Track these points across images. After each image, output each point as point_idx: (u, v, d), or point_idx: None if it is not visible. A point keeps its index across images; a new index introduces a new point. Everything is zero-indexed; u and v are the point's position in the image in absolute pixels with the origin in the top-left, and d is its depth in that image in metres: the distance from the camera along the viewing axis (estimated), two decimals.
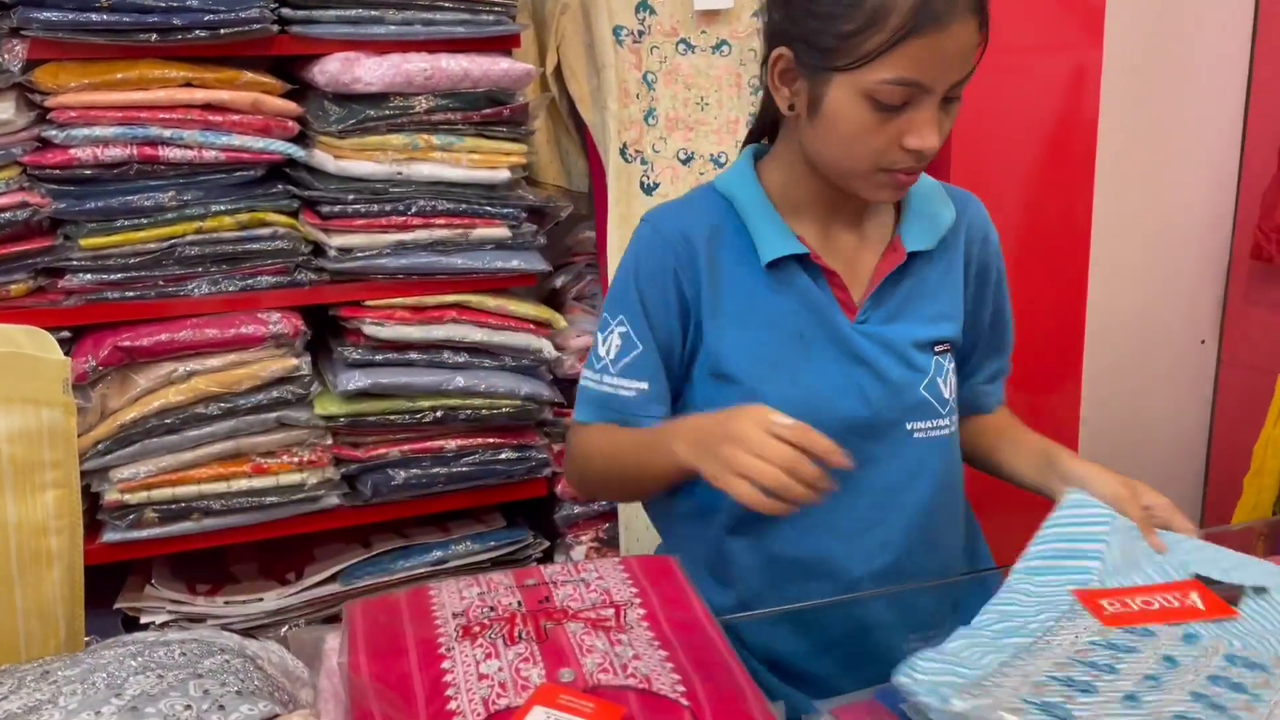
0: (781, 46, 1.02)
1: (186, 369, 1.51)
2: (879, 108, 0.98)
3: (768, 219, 1.11)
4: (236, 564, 1.71)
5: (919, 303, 1.14)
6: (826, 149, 1.04)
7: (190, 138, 1.47)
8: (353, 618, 0.90)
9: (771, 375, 1.10)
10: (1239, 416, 2.48)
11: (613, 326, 1.14)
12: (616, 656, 0.81)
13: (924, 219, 1.15)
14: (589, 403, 1.16)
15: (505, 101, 1.61)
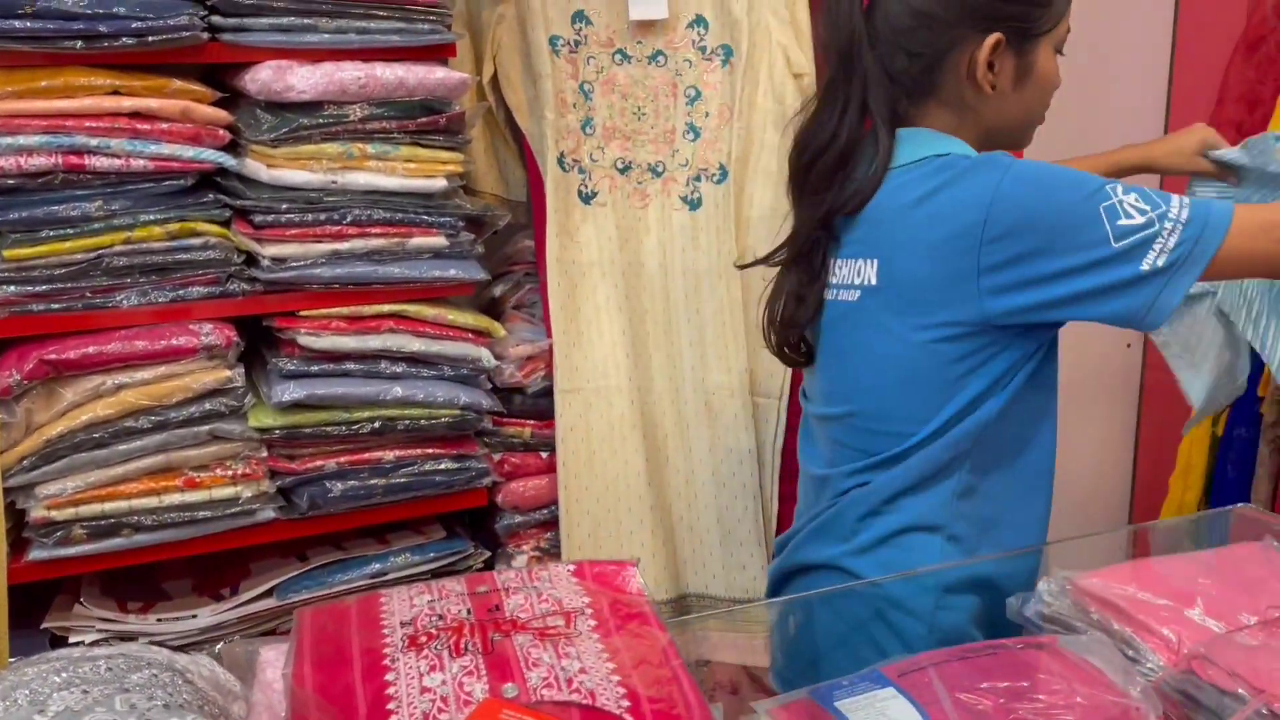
0: (994, 32, 1.16)
1: (115, 382, 1.48)
2: (1058, 54, 1.22)
3: None
4: (169, 580, 1.68)
5: None
6: (1030, 108, 1.23)
7: (118, 146, 1.44)
8: (302, 625, 0.90)
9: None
10: (1164, 418, 2.55)
11: (1113, 199, 1.09)
12: (563, 670, 0.81)
13: None
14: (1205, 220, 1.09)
15: (442, 110, 1.61)
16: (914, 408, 1.17)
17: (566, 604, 0.92)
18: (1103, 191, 1.09)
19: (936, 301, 1.14)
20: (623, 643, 0.87)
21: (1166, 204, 1.09)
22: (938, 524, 1.18)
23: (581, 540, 1.78)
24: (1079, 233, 1.08)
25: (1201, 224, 1.09)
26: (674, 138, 1.81)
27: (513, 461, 1.79)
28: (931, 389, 1.16)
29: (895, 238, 1.16)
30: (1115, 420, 2.64)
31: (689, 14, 1.79)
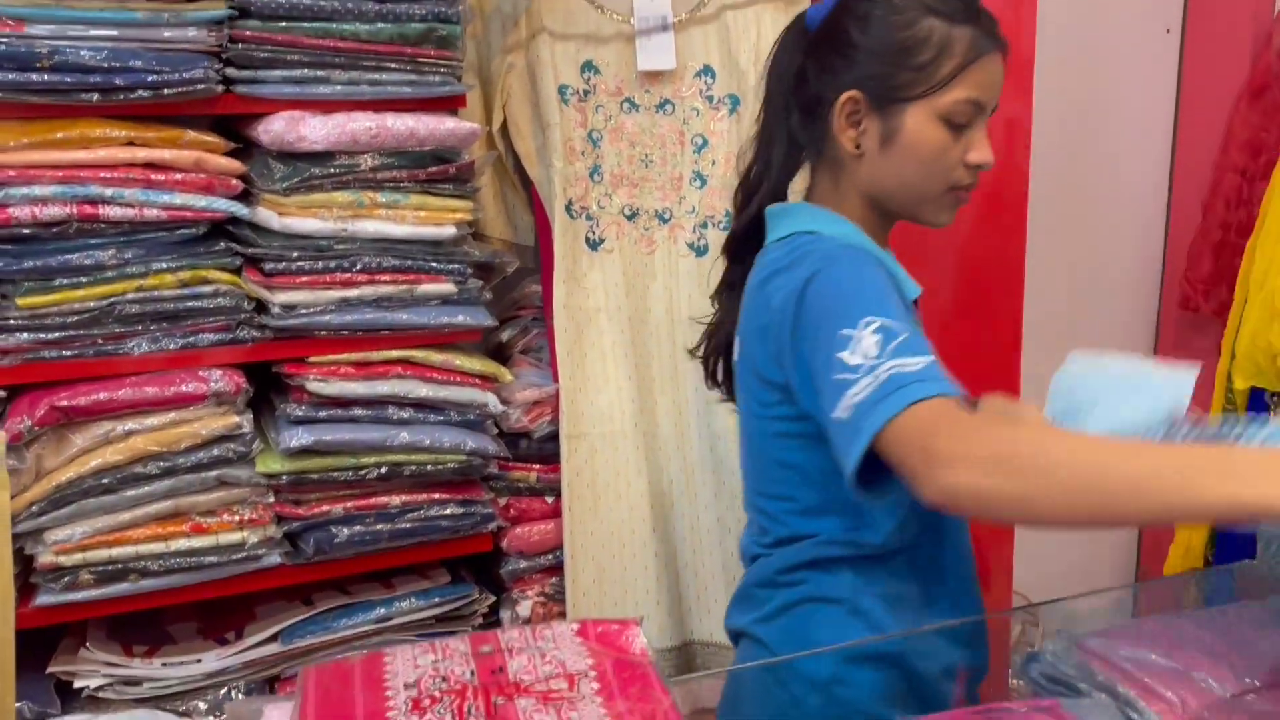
0: (850, 91, 1.13)
1: (125, 428, 1.49)
2: (951, 128, 1.11)
3: (890, 259, 1.19)
4: (174, 624, 1.68)
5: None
6: (904, 176, 1.14)
7: (131, 196, 1.46)
8: (306, 685, 0.90)
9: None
10: None
11: (862, 331, 0.95)
12: None
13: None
14: (880, 400, 0.90)
15: (451, 159, 1.63)
16: (780, 490, 1.15)
17: (570, 666, 0.92)
18: (859, 320, 0.96)
19: (766, 384, 1.12)
20: (625, 706, 0.87)
21: (890, 357, 0.92)
22: (839, 598, 1.13)
23: (586, 586, 1.78)
24: (825, 356, 0.97)
25: (884, 394, 0.90)
26: (681, 185, 1.83)
27: (518, 506, 1.80)
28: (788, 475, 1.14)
29: (746, 314, 1.17)
30: None
31: (696, 64, 1.81)
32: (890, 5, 1.13)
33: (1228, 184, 2.30)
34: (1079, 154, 2.38)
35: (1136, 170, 2.46)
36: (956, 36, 1.11)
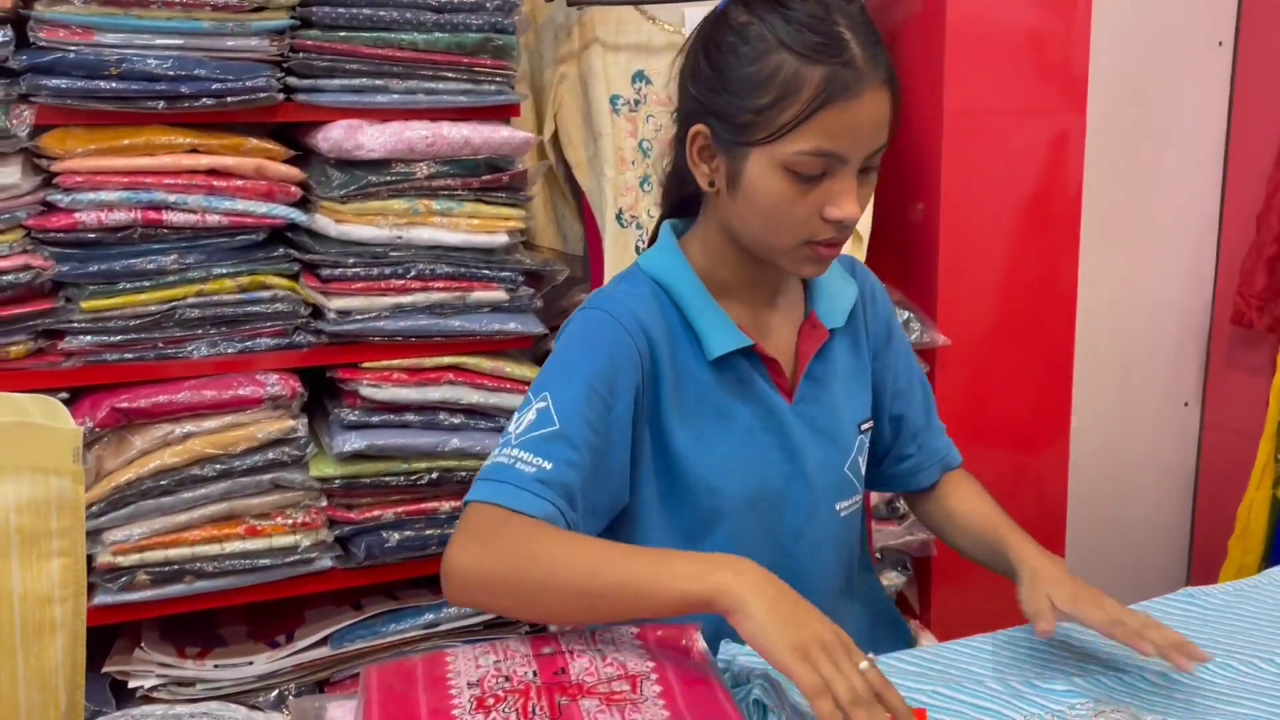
0: (698, 123, 1.03)
1: (183, 430, 1.51)
2: (797, 179, 0.98)
3: (709, 309, 1.09)
4: (226, 626, 1.70)
5: (838, 381, 1.16)
6: (750, 223, 1.03)
7: (194, 202, 1.48)
8: (369, 684, 0.90)
9: (728, 473, 1.09)
10: (1222, 479, 2.50)
11: (533, 404, 1.02)
12: None
13: (831, 295, 1.16)
14: (486, 478, 0.99)
15: (505, 168, 1.64)
16: None
17: (631, 668, 0.92)
18: (538, 392, 1.02)
19: None
20: (688, 708, 0.87)
21: (518, 445, 0.99)
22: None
23: None
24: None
25: (485, 476, 0.99)
26: None
27: None
28: None
29: None
30: (1172, 480, 2.60)
31: None
32: (743, 34, 0.99)
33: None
34: (1131, 169, 2.36)
35: (1189, 185, 2.43)
36: (806, 77, 0.96)
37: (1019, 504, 2.04)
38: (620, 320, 1.06)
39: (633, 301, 1.08)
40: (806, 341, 1.13)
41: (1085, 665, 1.01)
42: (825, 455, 1.14)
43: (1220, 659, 1.02)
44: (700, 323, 1.08)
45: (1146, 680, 0.98)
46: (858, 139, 0.98)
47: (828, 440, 1.14)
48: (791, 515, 1.12)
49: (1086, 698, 0.94)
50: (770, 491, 1.11)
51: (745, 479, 1.10)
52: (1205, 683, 0.98)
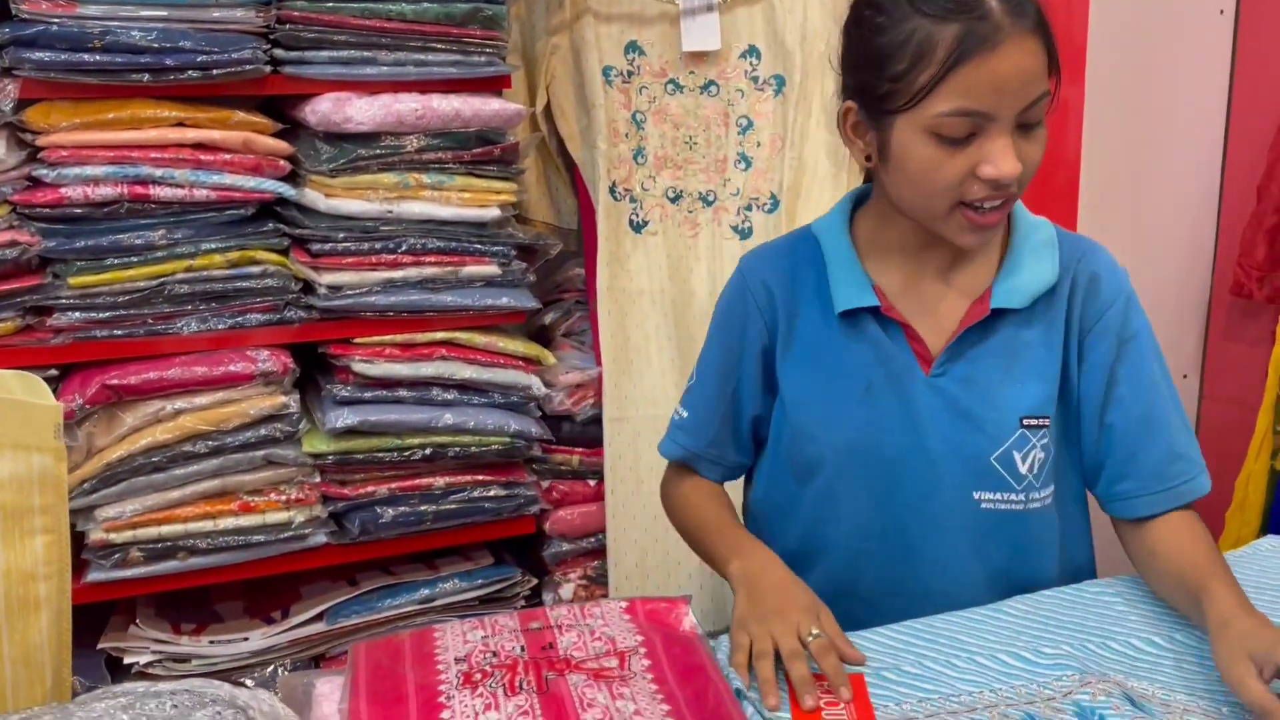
0: (848, 100, 1.05)
1: (174, 407, 1.50)
2: (944, 142, 0.97)
3: (847, 267, 1.11)
4: (221, 603, 1.70)
5: (1006, 365, 1.08)
6: (904, 191, 1.04)
7: (181, 177, 1.47)
8: (357, 660, 0.90)
9: (835, 426, 1.11)
10: (1221, 451, 2.49)
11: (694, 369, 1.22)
12: (617, 711, 0.81)
13: (1022, 273, 1.09)
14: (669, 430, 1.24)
15: (496, 141, 1.62)
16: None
17: (620, 643, 0.91)
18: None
19: None
20: (677, 683, 0.87)
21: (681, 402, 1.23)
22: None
23: (629, 569, 1.78)
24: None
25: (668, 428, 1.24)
26: (725, 167, 1.82)
27: (561, 489, 1.80)
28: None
29: None
30: None
31: (741, 44, 1.79)
32: (878, 6, 1.00)
33: None
34: (1131, 139, 2.34)
35: (1189, 155, 2.41)
36: (939, 37, 0.94)
37: None
38: (747, 280, 1.17)
39: (771, 255, 1.19)
40: (969, 316, 1.09)
41: (1074, 636, 1.00)
42: (962, 437, 1.08)
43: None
44: (834, 278, 1.11)
45: (1134, 649, 0.98)
46: (1002, 94, 0.95)
47: (968, 422, 1.07)
48: (907, 487, 1.10)
49: (1074, 668, 0.94)
50: (882, 456, 1.10)
51: (851, 435, 1.10)
52: (1193, 649, 0.98)
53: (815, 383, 1.12)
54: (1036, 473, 1.09)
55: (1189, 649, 0.98)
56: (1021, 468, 1.08)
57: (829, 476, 1.12)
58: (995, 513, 1.09)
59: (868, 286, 1.09)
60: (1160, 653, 0.98)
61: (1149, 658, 0.97)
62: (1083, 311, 1.10)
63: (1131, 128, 2.34)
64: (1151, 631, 1.01)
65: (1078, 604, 1.08)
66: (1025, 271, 1.09)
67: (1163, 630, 1.02)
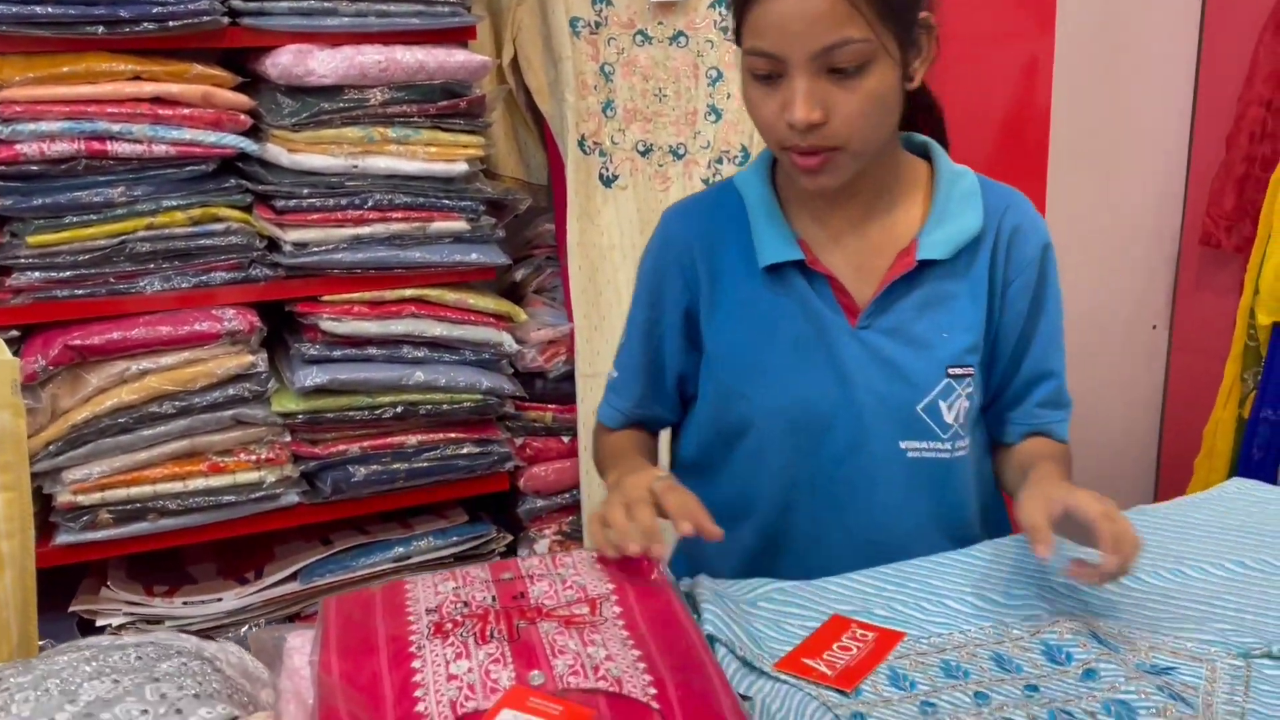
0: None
1: (139, 367, 1.48)
2: (757, 81, 0.99)
3: (769, 220, 1.09)
4: (194, 564, 1.69)
5: (932, 316, 1.09)
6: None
7: (139, 132, 1.44)
8: (327, 614, 0.89)
9: (763, 382, 1.10)
10: (1190, 400, 2.52)
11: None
12: (589, 658, 0.81)
13: (946, 225, 1.08)
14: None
15: (462, 93, 1.60)
16: None
17: (591, 591, 0.91)
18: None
19: None
20: (648, 630, 0.87)
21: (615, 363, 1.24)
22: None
23: None
24: None
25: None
26: (695, 119, 1.80)
27: (534, 446, 1.79)
28: None
29: None
30: (1140, 402, 2.62)
31: None
32: None
33: (1251, 117, 2.25)
34: (1100, 91, 2.33)
35: (1158, 105, 2.41)
36: None
37: None
38: (668, 236, 1.15)
39: (693, 210, 1.16)
40: (895, 268, 1.08)
41: (1045, 579, 1.01)
42: (889, 388, 1.08)
43: (1170, 565, 1.03)
44: (757, 232, 1.09)
45: (1104, 589, 0.99)
46: (785, 35, 0.94)
47: (895, 373, 1.08)
48: (836, 440, 1.09)
49: (1042, 609, 0.95)
50: (811, 411, 1.09)
51: (778, 392, 1.09)
52: (1157, 589, 1.00)
53: (741, 339, 1.11)
54: (962, 421, 1.10)
55: (1154, 589, 1.00)
56: (947, 417, 1.09)
57: (758, 433, 1.12)
58: (922, 461, 1.10)
59: (791, 240, 1.08)
60: (1125, 591, 0.99)
61: (1114, 598, 0.98)
62: (1006, 263, 1.11)
63: (1101, 79, 2.33)
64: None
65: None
66: (950, 222, 1.09)
67: None
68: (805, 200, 1.10)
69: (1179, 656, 0.88)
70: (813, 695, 0.83)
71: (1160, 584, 1.00)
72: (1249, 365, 2.16)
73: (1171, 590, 1.00)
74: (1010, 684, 0.85)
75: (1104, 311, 2.49)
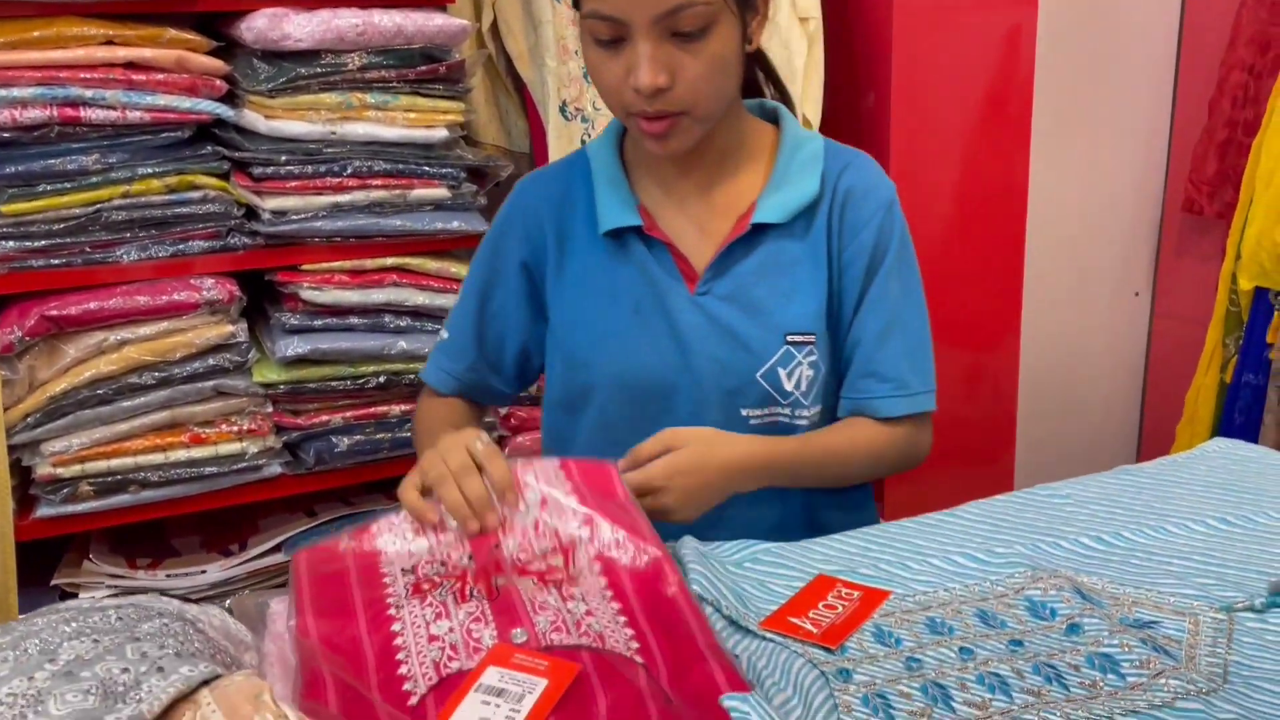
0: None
1: (118, 338, 1.47)
2: (599, 45, 0.97)
3: (612, 186, 1.09)
4: (177, 537, 1.68)
5: (771, 282, 1.08)
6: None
7: (113, 98, 1.42)
8: (298, 571, 0.89)
9: (604, 350, 1.09)
10: (1172, 366, 2.53)
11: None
12: (569, 614, 0.81)
13: (785, 189, 1.08)
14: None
15: (441, 58, 1.58)
16: None
17: (563, 535, 0.89)
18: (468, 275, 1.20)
19: None
20: (627, 575, 0.86)
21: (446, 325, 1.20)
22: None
23: None
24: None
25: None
26: None
27: (519, 415, 1.79)
28: None
29: None
30: (1123, 369, 2.63)
31: None
32: None
33: (1234, 81, 2.25)
34: (1084, 57, 2.33)
35: (1142, 72, 2.41)
36: None
37: (972, 394, 2.05)
38: (517, 203, 1.14)
39: (546, 177, 1.15)
40: (732, 233, 1.08)
41: (1026, 536, 1.02)
42: (728, 355, 1.07)
43: (1154, 522, 1.03)
44: (599, 198, 1.08)
45: (1084, 546, 1.00)
46: (625, 3, 0.93)
47: (733, 340, 1.07)
48: (677, 407, 1.08)
49: (1026, 566, 0.95)
50: (650, 378, 1.08)
51: (619, 359, 1.08)
52: (1140, 545, 1.00)
53: (583, 307, 1.10)
54: (805, 390, 1.08)
55: (1136, 545, 1.00)
56: (787, 384, 1.08)
57: (601, 402, 1.11)
58: (763, 426, 1.09)
59: (631, 205, 1.08)
60: (1109, 549, 1.00)
61: (1098, 554, 0.99)
62: (840, 226, 1.09)
63: (1084, 46, 2.32)
64: (1101, 530, 1.03)
65: (1029, 506, 1.09)
66: (788, 187, 1.08)
67: (1111, 528, 1.03)
68: (651, 166, 1.10)
69: (1162, 611, 0.89)
70: (798, 653, 0.83)
71: (1144, 541, 1.01)
72: (1230, 330, 2.17)
73: (1155, 547, 1.00)
74: (995, 639, 0.85)
75: (1087, 279, 2.49)
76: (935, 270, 1.98)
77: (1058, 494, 1.11)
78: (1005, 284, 2.08)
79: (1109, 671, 0.80)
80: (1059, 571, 0.94)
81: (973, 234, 2.02)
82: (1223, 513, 1.06)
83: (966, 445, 2.03)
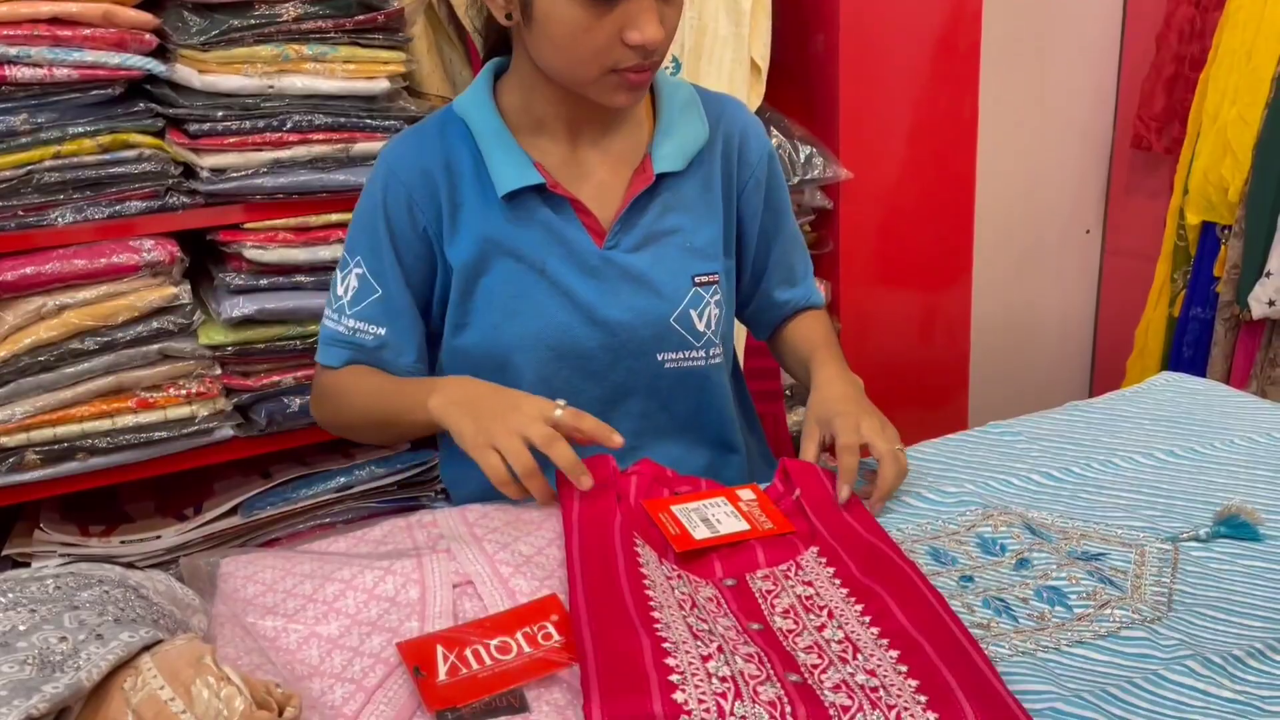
0: None
1: (56, 303, 1.43)
2: (591, 3, 0.94)
3: (503, 147, 1.07)
4: (131, 503, 1.66)
5: (674, 227, 1.11)
6: (549, 56, 1.00)
7: (39, 55, 1.36)
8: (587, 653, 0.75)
9: (514, 310, 1.09)
10: (1122, 302, 2.57)
11: (351, 267, 1.12)
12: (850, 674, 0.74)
13: (675, 136, 1.10)
14: (331, 343, 1.14)
15: (379, 6, 1.54)
16: None
17: (824, 596, 0.83)
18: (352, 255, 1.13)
19: None
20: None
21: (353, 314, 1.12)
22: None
23: None
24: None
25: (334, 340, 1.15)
26: None
27: None
28: None
29: None
30: (1074, 306, 2.66)
31: None
32: None
33: (1181, 15, 2.26)
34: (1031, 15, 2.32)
35: (1089, 6, 2.41)
36: None
37: (925, 334, 2.06)
38: (398, 173, 1.09)
39: (418, 143, 1.10)
40: (634, 184, 1.09)
41: (977, 474, 1.03)
42: (642, 303, 1.10)
43: (1103, 457, 1.05)
44: (492, 160, 1.07)
45: (1034, 483, 1.01)
46: None
47: (646, 289, 1.10)
48: (594, 360, 1.11)
49: (976, 504, 0.96)
50: (566, 334, 1.09)
51: (533, 318, 1.09)
52: (1090, 480, 1.01)
53: (493, 271, 1.09)
54: (714, 329, 1.13)
55: (1086, 480, 1.02)
56: (699, 325, 1.12)
57: (519, 362, 1.11)
58: (679, 370, 1.13)
59: (528, 164, 1.07)
60: (1059, 484, 1.01)
61: (1049, 490, 1.00)
62: (738, 169, 1.14)
63: None
64: (1051, 465, 1.04)
65: (981, 444, 1.10)
66: (678, 134, 1.10)
67: (1061, 464, 1.05)
68: (542, 123, 1.09)
69: (1109, 543, 0.90)
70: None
71: (1093, 475, 1.02)
72: (1179, 265, 2.20)
73: (1104, 481, 1.02)
74: (945, 576, 0.86)
75: (1038, 217, 2.51)
76: (885, 211, 2.00)
77: (1009, 431, 1.13)
78: (956, 224, 2.09)
79: (1056, 604, 0.81)
80: (1010, 508, 0.95)
81: (923, 174, 2.02)
82: (1170, 445, 1.08)
83: (920, 385, 2.05)
